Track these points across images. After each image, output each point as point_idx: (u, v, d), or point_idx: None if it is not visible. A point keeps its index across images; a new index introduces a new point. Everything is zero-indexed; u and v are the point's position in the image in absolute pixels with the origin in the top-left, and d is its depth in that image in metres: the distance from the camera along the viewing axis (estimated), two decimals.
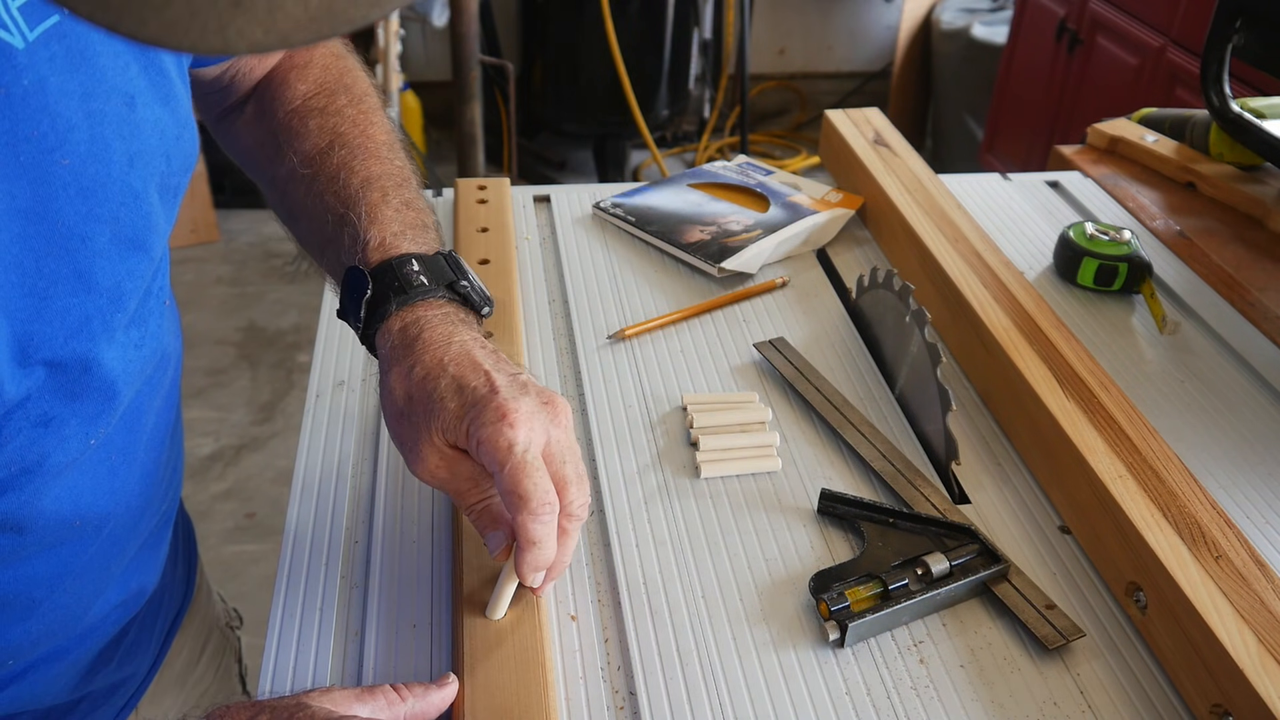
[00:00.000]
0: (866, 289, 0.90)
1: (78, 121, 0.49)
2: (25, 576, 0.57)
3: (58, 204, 0.49)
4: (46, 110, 0.47)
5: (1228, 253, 1.01)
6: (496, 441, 0.55)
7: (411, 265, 0.63)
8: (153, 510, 0.67)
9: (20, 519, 0.53)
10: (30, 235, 0.48)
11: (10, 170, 0.46)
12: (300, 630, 0.63)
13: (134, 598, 0.69)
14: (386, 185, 0.67)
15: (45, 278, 0.49)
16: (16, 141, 0.46)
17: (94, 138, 0.50)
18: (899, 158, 1.08)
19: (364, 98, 0.73)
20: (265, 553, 2.04)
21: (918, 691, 0.60)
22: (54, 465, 0.53)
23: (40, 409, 0.52)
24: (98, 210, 0.51)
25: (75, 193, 0.49)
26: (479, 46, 2.88)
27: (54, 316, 0.50)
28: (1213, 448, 0.79)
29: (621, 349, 0.88)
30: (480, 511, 0.59)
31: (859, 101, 3.58)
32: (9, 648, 0.59)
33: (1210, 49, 1.08)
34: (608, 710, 0.59)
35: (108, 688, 0.71)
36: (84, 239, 0.50)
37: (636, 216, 1.03)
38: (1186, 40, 2.13)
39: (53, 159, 0.48)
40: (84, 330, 0.52)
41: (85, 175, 0.50)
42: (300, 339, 2.64)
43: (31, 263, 0.48)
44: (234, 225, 3.08)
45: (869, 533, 0.68)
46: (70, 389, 0.53)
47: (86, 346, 0.52)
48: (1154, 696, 0.61)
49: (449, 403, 0.57)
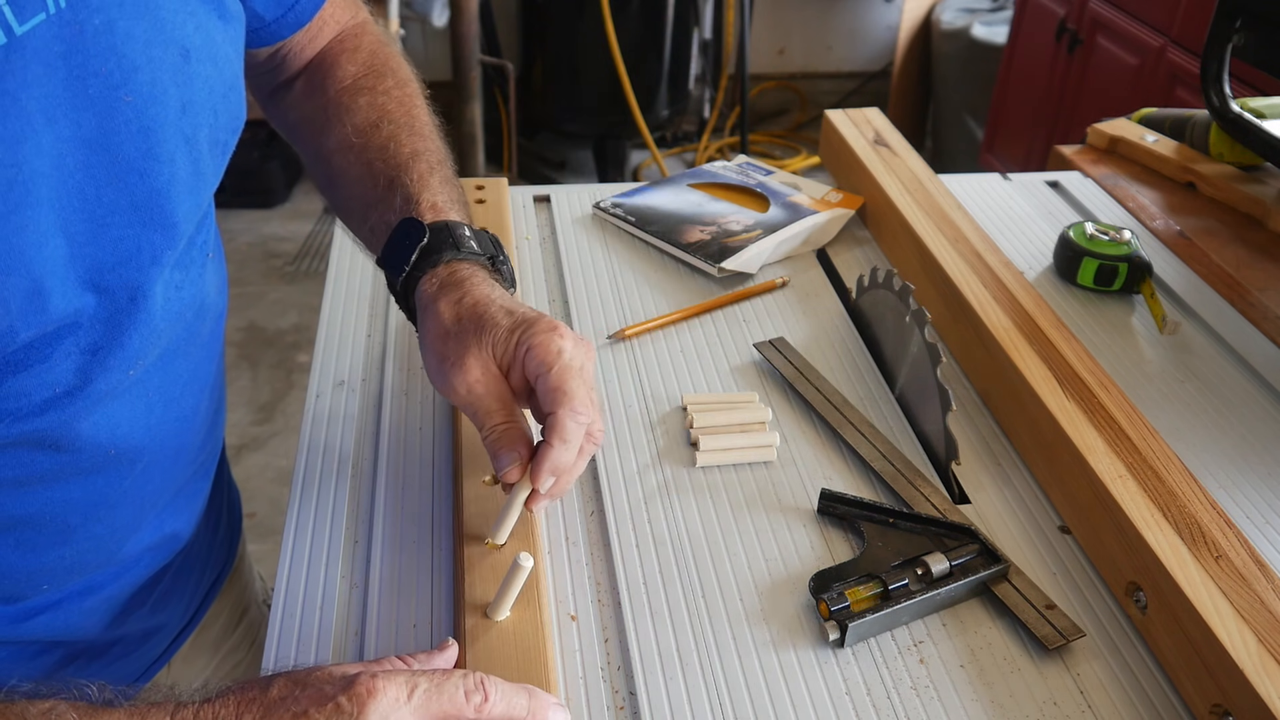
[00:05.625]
0: (866, 289, 0.90)
1: (140, 64, 0.53)
2: (62, 500, 0.60)
3: (119, 138, 0.52)
4: (114, 50, 0.51)
5: (1228, 253, 1.01)
6: (548, 346, 0.61)
7: (464, 230, 0.69)
8: (187, 457, 0.70)
9: (59, 438, 0.56)
10: (93, 165, 0.52)
11: (80, 101, 0.50)
12: (301, 630, 0.63)
13: (168, 542, 0.72)
14: (432, 161, 0.73)
15: (104, 206, 0.53)
16: (86, 76, 0.50)
17: (154, 81, 0.54)
18: (899, 158, 1.08)
19: (408, 82, 0.80)
20: (265, 553, 2.04)
21: (918, 691, 0.60)
22: (95, 391, 0.57)
23: (91, 338, 0.55)
24: (155, 150, 0.55)
25: (136, 130, 0.53)
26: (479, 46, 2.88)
27: (109, 244, 0.54)
28: (1213, 448, 0.79)
29: (621, 349, 0.88)
30: (502, 432, 0.62)
31: (859, 101, 3.58)
32: (45, 571, 0.62)
33: (1210, 49, 1.08)
34: (608, 710, 0.59)
35: (140, 634, 0.73)
36: (141, 174, 0.54)
37: (636, 216, 1.03)
38: (1186, 40, 2.13)
39: (117, 95, 0.52)
40: (134, 261, 0.56)
41: (146, 115, 0.53)
42: (300, 339, 2.64)
43: (93, 190, 0.52)
44: (234, 225, 3.08)
45: (869, 533, 0.68)
46: (116, 319, 0.56)
47: (135, 277, 0.56)
48: (1154, 696, 0.61)
49: (501, 321, 0.63)
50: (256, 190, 3.17)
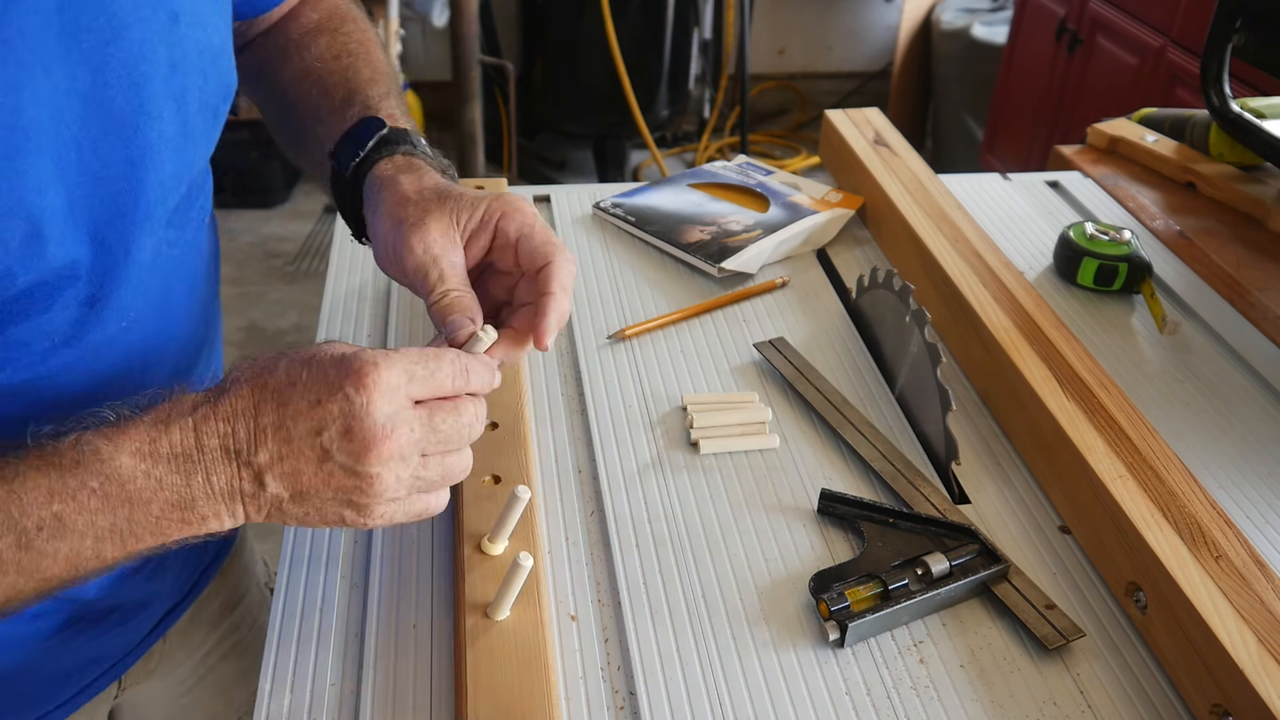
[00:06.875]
0: (866, 289, 0.90)
1: (130, 22, 0.55)
2: None
3: (112, 92, 0.54)
4: (104, 8, 0.53)
5: (1228, 253, 1.01)
6: (524, 210, 0.65)
7: (420, 139, 0.71)
8: None
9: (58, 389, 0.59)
10: (88, 118, 0.54)
11: (74, 55, 0.52)
12: (300, 630, 0.63)
13: None
14: (388, 88, 0.76)
15: (100, 159, 0.55)
16: (78, 31, 0.52)
17: (144, 39, 0.56)
18: (899, 158, 1.08)
19: (367, 31, 0.83)
20: (266, 552, 2.03)
21: (918, 691, 0.60)
22: (91, 342, 0.59)
23: (89, 289, 0.57)
24: (147, 106, 0.57)
25: (128, 84, 0.55)
26: (479, 46, 2.88)
27: (105, 197, 0.56)
28: (1213, 448, 0.79)
29: (621, 349, 0.88)
30: (454, 298, 0.62)
31: (859, 101, 3.58)
32: None
33: (1210, 49, 1.08)
34: (608, 710, 0.59)
35: (137, 602, 0.74)
36: (135, 129, 0.56)
37: (636, 216, 1.03)
38: (1186, 40, 2.13)
39: (109, 50, 0.54)
40: (129, 215, 0.58)
41: (136, 71, 0.55)
42: (300, 339, 2.64)
43: (89, 143, 0.54)
44: (234, 225, 3.08)
45: (869, 533, 0.68)
46: (111, 271, 0.58)
47: (129, 231, 0.58)
48: (1154, 696, 0.61)
49: (466, 194, 0.65)
50: (256, 190, 3.17)
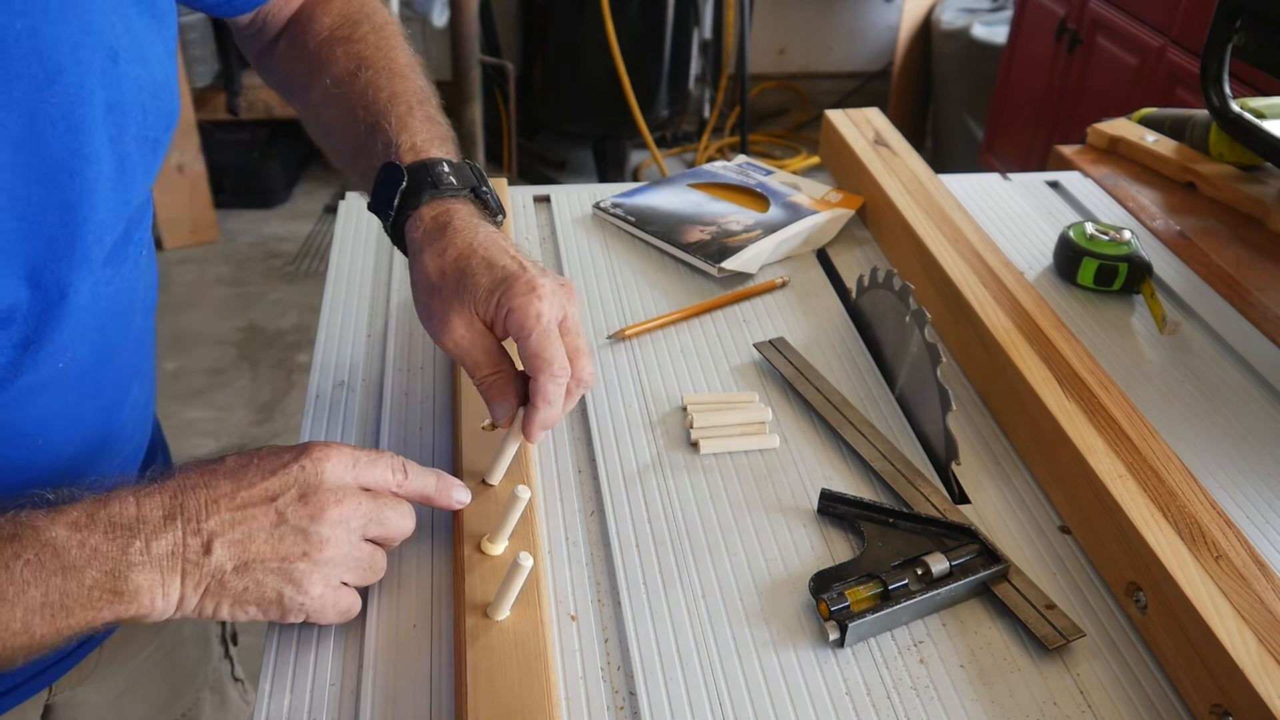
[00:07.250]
0: (866, 289, 0.90)
1: (67, 65, 0.54)
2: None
3: (46, 138, 0.54)
4: (38, 53, 0.53)
5: (1228, 253, 1.01)
6: (527, 310, 0.63)
7: (442, 167, 0.71)
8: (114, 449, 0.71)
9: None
10: (21, 164, 0.53)
11: (3, 101, 0.52)
12: (300, 630, 0.63)
13: None
14: (411, 100, 0.75)
15: (34, 205, 0.55)
16: (10, 78, 0.52)
17: (80, 83, 0.55)
18: (899, 158, 1.08)
19: (385, 25, 0.81)
20: None
21: (918, 691, 0.60)
22: (24, 384, 0.59)
23: (23, 331, 0.58)
24: (84, 149, 0.56)
25: (64, 129, 0.55)
26: (479, 46, 2.88)
27: (41, 240, 0.56)
28: (1213, 448, 0.79)
29: (621, 349, 0.88)
30: (492, 382, 0.66)
31: (859, 101, 3.58)
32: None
33: (1210, 49, 1.08)
34: (608, 710, 0.59)
35: None
36: (71, 174, 0.56)
37: (636, 216, 1.03)
38: (1186, 40, 2.13)
39: (42, 96, 0.53)
40: (65, 258, 0.58)
41: (72, 115, 0.55)
42: (300, 339, 2.64)
43: (22, 189, 0.54)
44: (234, 225, 3.08)
45: (869, 533, 0.68)
46: (48, 314, 0.58)
47: (66, 273, 0.58)
48: (1154, 696, 0.61)
49: (481, 279, 0.65)
50: (256, 190, 3.17)
